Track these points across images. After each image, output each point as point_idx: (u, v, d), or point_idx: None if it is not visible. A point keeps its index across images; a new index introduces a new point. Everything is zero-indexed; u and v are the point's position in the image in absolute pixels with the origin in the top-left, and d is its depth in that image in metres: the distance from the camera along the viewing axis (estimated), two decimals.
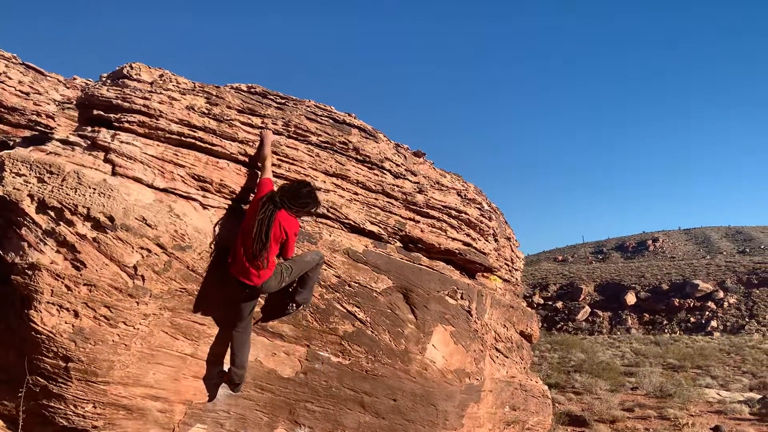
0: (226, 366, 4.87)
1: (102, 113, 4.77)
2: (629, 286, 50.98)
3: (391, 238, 5.88)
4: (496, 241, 7.47)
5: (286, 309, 5.00)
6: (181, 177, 4.77)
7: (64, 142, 4.64)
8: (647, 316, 47.23)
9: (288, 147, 5.38)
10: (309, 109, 5.78)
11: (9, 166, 4.29)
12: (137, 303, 4.35)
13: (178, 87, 5.08)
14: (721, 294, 46.88)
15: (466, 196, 6.81)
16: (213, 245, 4.70)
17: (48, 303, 4.11)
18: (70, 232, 4.21)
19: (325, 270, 5.27)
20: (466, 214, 6.54)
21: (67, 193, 4.26)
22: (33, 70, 6.99)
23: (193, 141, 4.90)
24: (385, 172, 5.97)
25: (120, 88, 4.87)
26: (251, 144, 5.16)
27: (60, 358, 4.17)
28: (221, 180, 4.92)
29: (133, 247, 4.34)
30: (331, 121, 5.85)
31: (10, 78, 6.43)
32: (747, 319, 43.35)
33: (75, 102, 5.27)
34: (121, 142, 4.61)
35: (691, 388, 15.96)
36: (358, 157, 5.83)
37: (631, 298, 49.22)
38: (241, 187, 5.04)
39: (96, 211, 4.25)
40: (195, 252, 4.59)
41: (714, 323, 43.57)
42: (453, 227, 6.39)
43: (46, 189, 4.26)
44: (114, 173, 4.51)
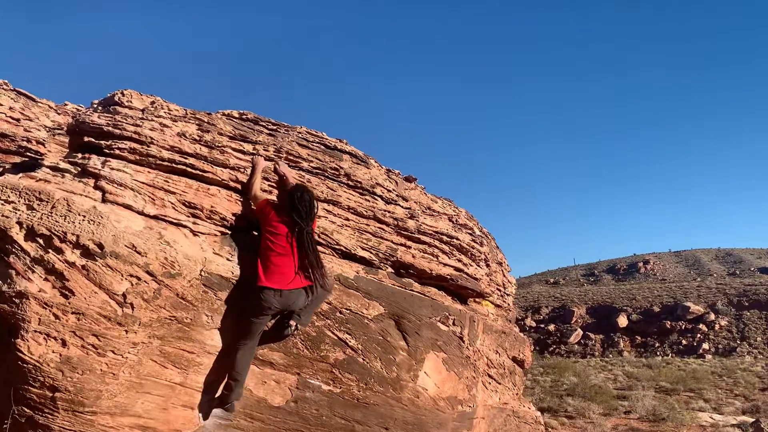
0: (215, 395, 4.81)
1: (93, 140, 4.76)
2: (621, 309, 51.00)
3: (382, 264, 5.87)
4: (488, 266, 7.47)
5: (284, 331, 4.94)
6: (172, 204, 4.75)
7: (54, 169, 4.62)
8: (639, 338, 47.20)
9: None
10: (301, 135, 5.80)
11: None
12: (126, 331, 4.30)
13: (170, 114, 5.09)
14: (712, 316, 46.97)
15: (457, 221, 6.82)
16: (202, 272, 4.67)
17: (35, 332, 4.06)
18: (59, 260, 4.17)
19: None
20: (457, 239, 6.54)
21: (56, 221, 4.24)
22: (24, 96, 6.98)
23: (184, 168, 4.89)
24: (376, 197, 5.98)
25: (111, 114, 4.87)
26: (243, 170, 5.16)
27: (47, 388, 4.11)
28: (212, 207, 4.91)
29: (122, 275, 4.30)
30: (322, 147, 5.87)
31: (1, 104, 6.42)
32: (738, 342, 43.38)
33: (66, 128, 5.26)
34: (112, 169, 4.60)
35: (684, 412, 15.90)
36: (350, 182, 5.84)
37: (622, 321, 49.23)
38: (232, 214, 5.03)
39: (85, 239, 4.23)
40: (185, 279, 4.56)
41: (706, 345, 43.57)
42: (445, 253, 6.38)
43: (35, 216, 4.23)
44: (104, 200, 4.49)
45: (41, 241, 4.20)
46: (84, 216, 4.30)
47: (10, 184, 4.32)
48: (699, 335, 45.25)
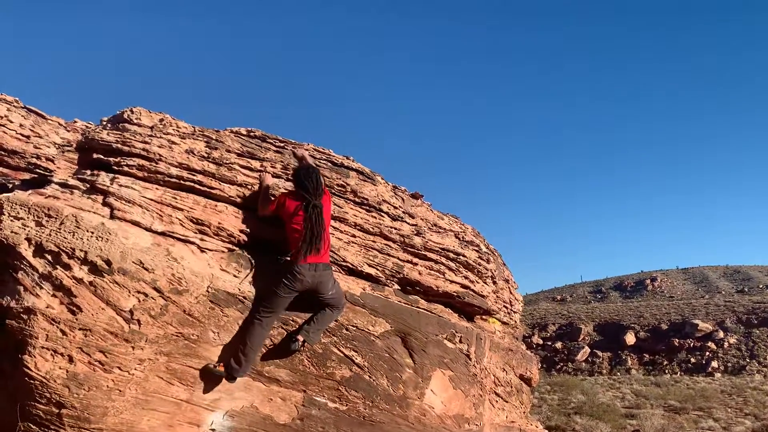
0: (220, 413, 4.79)
1: (102, 157, 4.81)
2: (628, 326, 50.64)
3: (388, 281, 5.86)
4: (495, 283, 7.44)
5: (291, 345, 4.94)
6: (180, 220, 4.77)
7: (63, 186, 4.66)
8: (647, 356, 46.81)
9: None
10: (308, 152, 5.82)
11: (7, 209, 4.30)
12: (133, 348, 4.30)
13: (178, 131, 5.13)
14: (721, 334, 46.56)
15: (464, 238, 6.82)
16: (209, 289, 4.68)
17: (42, 348, 4.08)
18: (67, 276, 4.20)
19: None
20: (464, 256, 6.53)
21: (64, 237, 4.27)
22: (34, 114, 7.05)
23: (192, 184, 4.92)
24: (383, 214, 5.98)
25: (120, 132, 4.92)
26: (250, 187, 5.19)
27: (53, 405, 4.11)
28: (219, 223, 4.93)
29: (129, 291, 4.32)
30: (329, 164, 5.89)
31: (12, 122, 6.50)
32: (748, 360, 42.96)
33: (75, 145, 5.31)
34: (120, 186, 4.63)
35: (694, 431, 15.71)
36: (356, 199, 5.85)
37: (630, 338, 48.85)
38: (240, 230, 5.05)
39: (93, 255, 4.25)
40: (192, 296, 4.57)
41: (715, 364, 43.16)
42: (451, 269, 6.37)
43: (43, 232, 4.26)
44: (112, 217, 4.52)
45: (49, 257, 4.22)
46: (92, 232, 4.32)
47: (19, 201, 4.36)
48: (708, 353, 44.85)
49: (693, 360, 44.37)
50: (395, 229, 5.98)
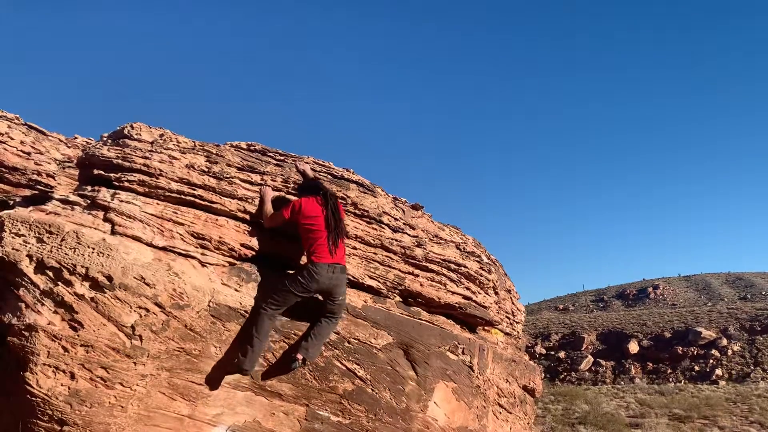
0: (223, 428, 4.78)
1: (102, 173, 4.82)
2: (631, 335, 50.46)
3: (390, 293, 5.85)
4: (497, 293, 7.43)
5: (291, 364, 4.92)
6: (180, 235, 4.78)
7: (64, 202, 4.67)
8: (651, 364, 46.60)
9: None
10: (309, 165, 5.83)
11: (8, 226, 4.31)
12: (135, 363, 4.29)
13: (179, 146, 5.15)
14: (724, 341, 46.38)
15: (465, 248, 6.81)
16: (210, 303, 4.67)
17: (44, 365, 4.06)
18: (68, 292, 4.19)
19: None
20: (465, 267, 6.52)
21: (66, 253, 4.27)
22: (35, 130, 7.07)
23: (192, 199, 4.93)
24: (383, 226, 5.98)
25: (120, 147, 4.93)
26: (251, 201, 5.19)
27: (55, 422, 4.09)
28: (220, 237, 4.93)
29: (131, 307, 4.32)
30: (329, 176, 5.90)
31: (12, 138, 6.51)
32: (752, 367, 42.76)
33: (76, 161, 5.33)
34: (121, 201, 4.64)
35: None
36: (357, 211, 5.85)
37: (633, 347, 48.66)
38: (241, 244, 5.05)
39: (94, 271, 4.25)
40: (193, 311, 4.56)
41: (719, 371, 42.96)
42: (452, 281, 6.36)
43: (45, 249, 4.26)
44: (113, 232, 4.52)
45: (51, 273, 4.22)
46: (93, 248, 4.32)
47: (20, 217, 4.36)
48: (711, 361, 44.66)
49: (697, 368, 44.18)
50: (396, 240, 5.98)
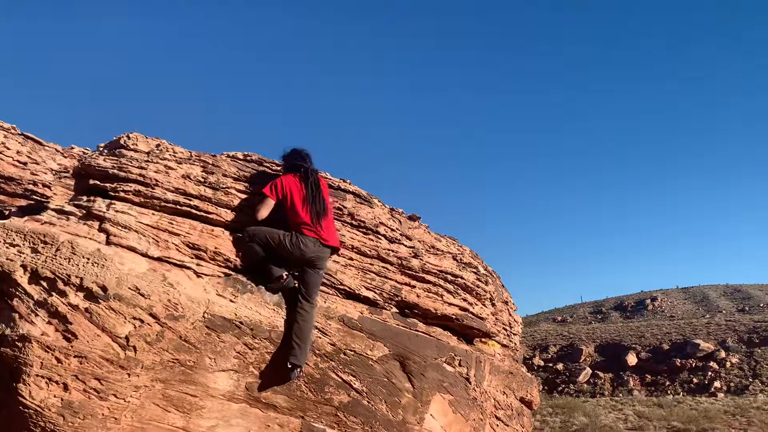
0: None
1: (98, 183, 4.81)
2: (630, 347, 50.33)
3: (386, 304, 5.83)
4: (494, 305, 7.41)
5: (290, 374, 4.92)
6: (176, 245, 4.76)
7: (60, 212, 4.65)
8: (649, 376, 46.45)
9: None
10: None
11: (3, 236, 4.29)
12: (128, 375, 4.26)
13: (175, 156, 5.14)
14: (722, 354, 46.28)
15: (461, 260, 6.80)
16: (205, 314, 4.65)
17: (37, 376, 4.03)
18: (62, 303, 4.17)
19: (320, 338, 5.20)
20: (462, 278, 6.50)
21: (60, 263, 4.25)
22: (31, 140, 7.07)
23: (188, 209, 4.92)
24: (380, 236, 5.97)
25: (117, 158, 4.93)
26: (247, 211, 5.18)
27: None
28: (216, 248, 4.92)
29: (125, 318, 4.29)
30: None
31: (9, 148, 6.51)
32: (750, 379, 42.63)
33: (72, 171, 5.32)
34: (117, 212, 4.63)
35: None
36: (353, 222, 5.84)
37: (632, 359, 48.52)
38: (236, 255, 5.03)
39: (89, 281, 4.23)
40: (188, 321, 4.54)
41: (717, 384, 42.82)
42: (449, 292, 6.34)
43: (39, 259, 4.24)
44: (108, 242, 4.51)
45: (45, 284, 4.20)
46: (88, 258, 4.31)
47: (15, 227, 4.35)
48: (710, 373, 44.53)
49: (695, 380, 44.04)
50: (393, 251, 5.96)
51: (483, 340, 7.41)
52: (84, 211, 4.64)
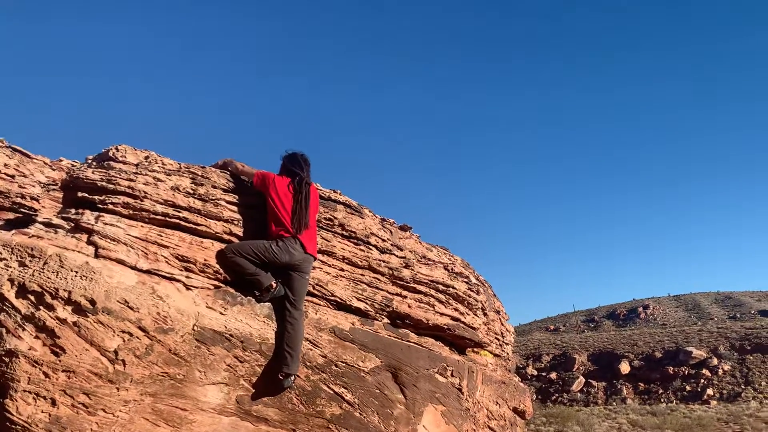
0: None
1: (87, 195, 4.77)
2: (623, 355, 50.41)
3: (378, 315, 5.81)
4: (485, 315, 7.40)
5: (283, 383, 4.91)
6: (165, 258, 4.73)
7: (47, 225, 4.61)
8: (642, 385, 46.49)
9: None
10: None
11: None
12: (117, 389, 4.22)
13: (164, 168, 5.12)
14: (715, 361, 46.41)
15: (453, 269, 6.79)
16: (195, 327, 4.61)
17: (24, 391, 3.99)
18: (50, 317, 4.13)
19: (311, 350, 5.17)
20: (453, 288, 6.49)
21: (48, 277, 4.21)
22: (19, 153, 7.03)
23: (177, 221, 4.89)
24: (371, 247, 5.96)
25: (105, 170, 4.90)
26: (236, 223, 5.16)
27: None
28: (205, 260, 4.89)
29: (114, 331, 4.25)
30: None
31: None
32: (743, 386, 42.74)
33: (60, 184, 5.28)
34: (105, 224, 4.59)
35: None
36: (344, 233, 5.83)
37: (625, 367, 48.58)
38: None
39: (77, 295, 4.19)
40: (177, 335, 4.50)
41: (710, 391, 42.90)
42: (441, 302, 6.33)
43: (26, 273, 4.20)
44: (97, 255, 4.47)
45: (32, 297, 4.15)
46: (76, 272, 4.27)
47: (2, 241, 4.31)
48: (703, 381, 44.63)
49: (688, 388, 44.12)
50: (384, 261, 5.95)
51: (475, 350, 7.39)
52: (72, 224, 4.60)
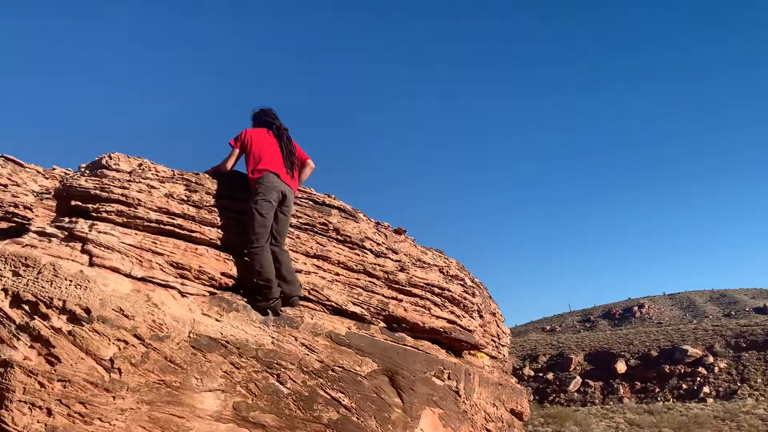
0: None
1: (80, 203, 4.77)
2: (619, 354, 50.49)
3: (374, 319, 5.81)
4: (481, 317, 7.40)
5: (290, 302, 5.25)
6: (160, 265, 4.72)
7: (41, 234, 4.60)
8: (639, 384, 46.58)
9: None
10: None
11: None
12: (113, 398, 4.20)
13: (157, 175, 5.11)
14: (710, 359, 46.54)
15: (448, 272, 6.80)
16: (191, 334, 4.60)
17: (20, 401, 3.97)
18: (45, 326, 4.11)
19: (308, 355, 5.16)
20: (449, 290, 6.50)
21: (42, 286, 4.19)
22: (12, 162, 7.01)
23: (172, 228, 4.89)
24: (366, 251, 5.96)
25: (98, 178, 4.89)
26: (231, 229, 5.16)
27: None
28: (200, 267, 4.88)
29: (109, 340, 4.24)
30: (310, 202, 5.89)
31: None
32: (739, 384, 42.88)
33: (53, 193, 5.27)
34: (99, 232, 4.59)
35: None
36: (339, 237, 5.83)
37: (621, 367, 48.66)
38: (221, 273, 5.00)
39: (72, 304, 4.18)
40: (173, 342, 4.49)
41: (706, 389, 43.01)
42: (436, 305, 6.33)
43: (21, 282, 4.19)
44: (91, 264, 4.46)
45: (27, 307, 4.14)
46: (71, 280, 4.26)
47: None
48: (699, 378, 44.75)
49: (684, 386, 44.22)
50: (379, 265, 5.96)
51: (472, 352, 7.40)
52: (66, 233, 4.59)
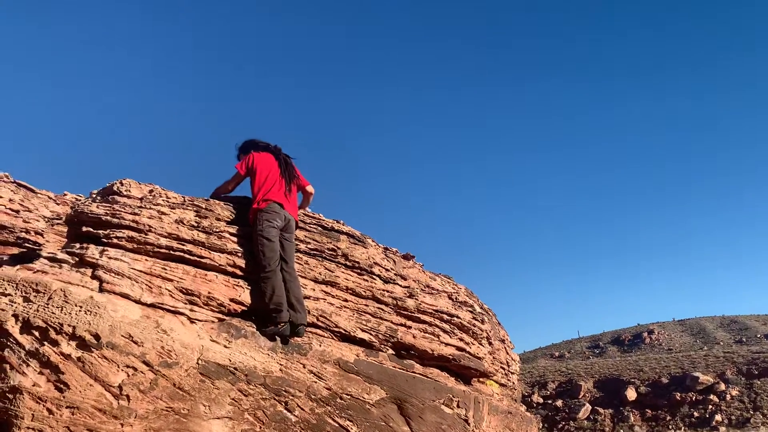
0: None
1: (91, 229, 4.80)
2: (629, 381, 49.85)
3: (382, 346, 5.78)
4: (491, 344, 7.35)
5: (297, 331, 5.24)
6: (169, 291, 4.73)
7: (52, 260, 4.63)
8: (649, 411, 45.88)
9: None
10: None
11: None
12: (122, 425, 4.18)
13: (168, 201, 5.15)
14: (722, 386, 45.86)
15: (457, 298, 6.77)
16: (199, 361, 4.59)
17: (28, 428, 3.95)
18: (54, 352, 4.11)
19: (316, 382, 5.13)
20: (458, 317, 6.47)
21: (52, 312, 4.20)
22: (24, 188, 7.08)
23: (181, 254, 4.91)
24: (374, 277, 5.96)
25: (110, 204, 4.93)
26: (240, 255, 5.17)
27: None
28: (209, 293, 4.89)
29: (118, 366, 4.23)
30: (319, 228, 5.90)
31: (1, 197, 6.52)
32: (751, 412, 42.16)
33: (64, 218, 5.31)
34: (110, 258, 4.61)
35: None
36: (347, 263, 5.83)
37: (631, 394, 48.01)
38: (230, 299, 5.00)
39: (82, 330, 4.18)
40: (182, 369, 4.48)
41: (718, 417, 42.32)
42: (445, 332, 6.30)
43: (31, 308, 4.20)
44: (101, 290, 4.47)
45: (37, 333, 4.15)
46: (81, 306, 4.27)
47: (6, 276, 4.31)
48: (711, 406, 44.06)
49: (696, 414, 43.52)
50: (387, 291, 5.94)
51: (481, 380, 7.33)
52: (77, 259, 4.61)
